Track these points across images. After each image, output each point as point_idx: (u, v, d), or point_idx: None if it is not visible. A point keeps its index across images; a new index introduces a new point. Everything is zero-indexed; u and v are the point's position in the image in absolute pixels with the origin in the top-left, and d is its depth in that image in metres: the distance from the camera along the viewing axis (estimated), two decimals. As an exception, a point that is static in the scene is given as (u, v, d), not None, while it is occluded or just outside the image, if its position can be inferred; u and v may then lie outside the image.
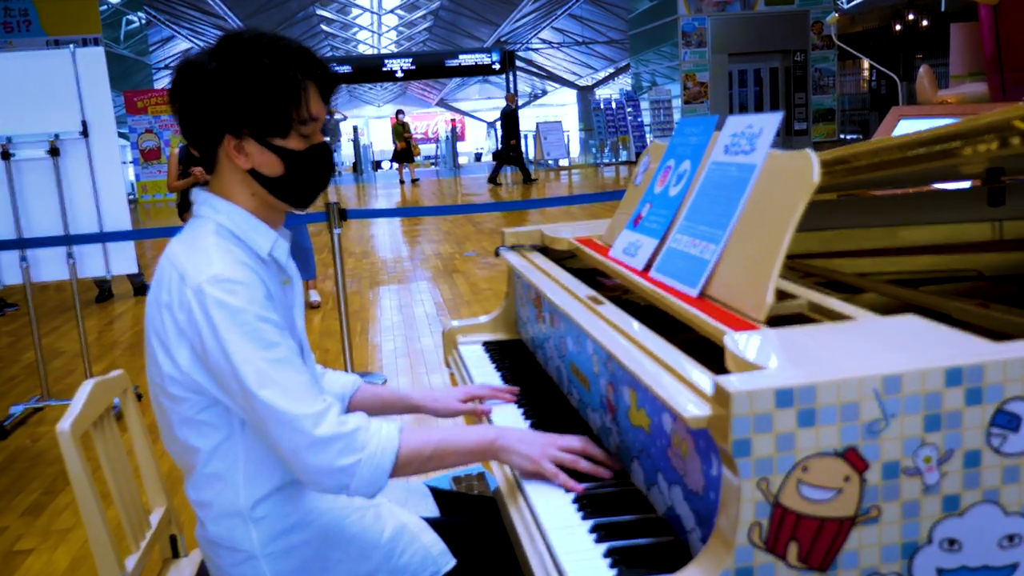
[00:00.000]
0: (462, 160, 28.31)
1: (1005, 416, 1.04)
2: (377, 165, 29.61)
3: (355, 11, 30.55)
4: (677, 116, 20.26)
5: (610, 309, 1.65)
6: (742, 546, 1.02)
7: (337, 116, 26.31)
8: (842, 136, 14.26)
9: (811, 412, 1.01)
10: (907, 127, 7.53)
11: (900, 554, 1.05)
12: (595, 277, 2.21)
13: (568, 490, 1.42)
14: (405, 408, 1.88)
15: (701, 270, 1.53)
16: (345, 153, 28.66)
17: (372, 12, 30.80)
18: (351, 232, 12.12)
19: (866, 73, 23.20)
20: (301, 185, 1.53)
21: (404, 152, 20.33)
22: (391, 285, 7.90)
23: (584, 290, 1.84)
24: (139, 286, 8.09)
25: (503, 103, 19.59)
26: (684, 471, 1.22)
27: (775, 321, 1.33)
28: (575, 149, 25.40)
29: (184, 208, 6.30)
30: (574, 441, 1.51)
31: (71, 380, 5.34)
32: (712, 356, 1.32)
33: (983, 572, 1.07)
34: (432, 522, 1.69)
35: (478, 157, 29.20)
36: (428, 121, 40.66)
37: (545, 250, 2.42)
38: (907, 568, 1.05)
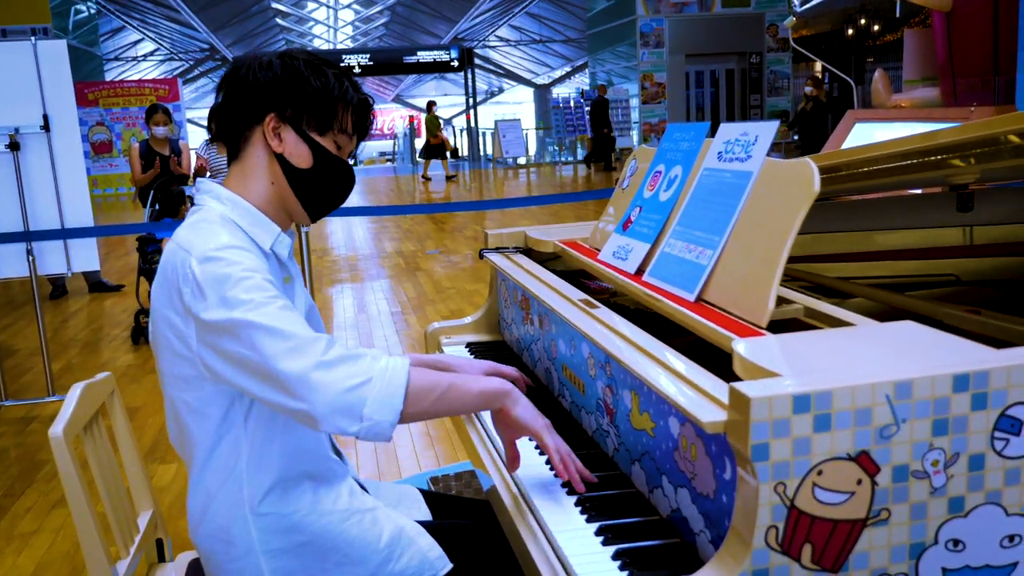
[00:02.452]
0: (418, 158, 28.19)
1: (1008, 420, 1.08)
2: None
3: (311, 5, 30.27)
4: (635, 116, 20.41)
5: (606, 313, 1.67)
6: (759, 548, 1.04)
7: None
8: (795, 138, 14.51)
9: (827, 417, 1.03)
10: (862, 130, 7.68)
11: (908, 554, 1.08)
12: (579, 279, 2.23)
13: (559, 475, 1.46)
14: (436, 368, 1.87)
15: (698, 275, 1.56)
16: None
17: (328, 7, 30.52)
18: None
19: (819, 76, 23.57)
20: (322, 188, 1.57)
21: (438, 147, 19.32)
22: (353, 283, 7.86)
23: (576, 293, 1.85)
24: (94, 283, 7.94)
25: (461, 100, 19.57)
26: (693, 474, 1.24)
27: (772, 326, 1.36)
28: (532, 147, 25.45)
29: (169, 201, 6.19)
30: (564, 446, 1.51)
31: (27, 379, 5.23)
32: (709, 360, 1.34)
33: (985, 571, 1.11)
34: (427, 525, 1.69)
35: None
36: (384, 117, 40.43)
37: (529, 252, 2.43)
38: (914, 568, 1.09)
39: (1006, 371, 1.07)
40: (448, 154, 20.18)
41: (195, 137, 24.41)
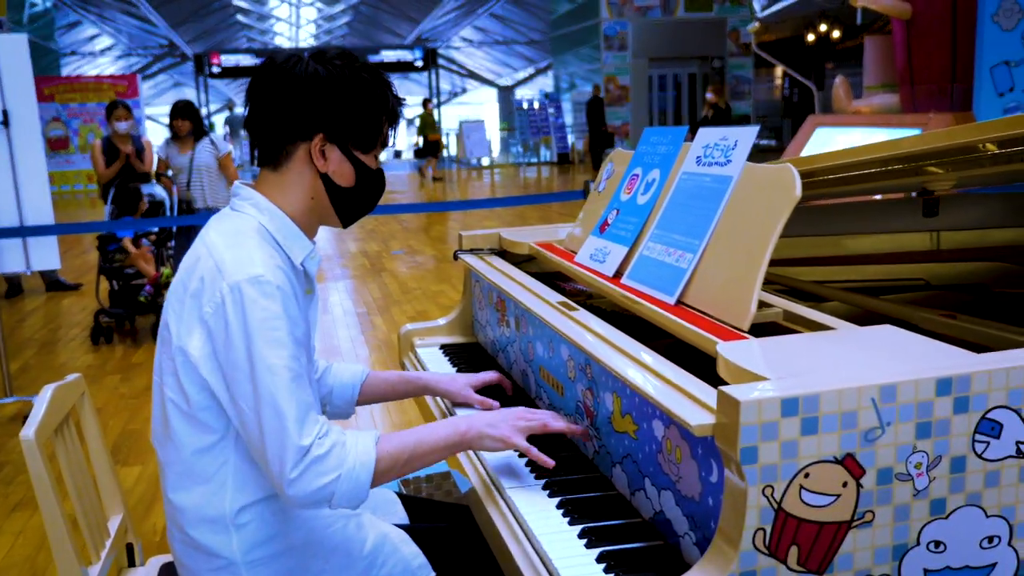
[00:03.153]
0: (382, 156, 28.07)
1: (989, 424, 1.10)
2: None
3: (273, 2, 29.98)
4: (598, 118, 20.49)
5: (586, 315, 1.67)
6: (746, 551, 1.05)
7: (237, 110, 25.77)
8: (758, 142, 14.75)
9: (814, 420, 1.04)
10: (823, 135, 7.78)
11: (891, 556, 1.10)
12: (554, 282, 2.23)
13: (542, 464, 1.49)
14: (418, 391, 1.90)
15: (678, 278, 1.56)
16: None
17: (290, 4, 30.25)
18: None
19: (779, 81, 23.88)
20: (361, 202, 1.58)
21: (434, 145, 18.77)
22: (318, 284, 7.79)
23: (554, 296, 1.85)
24: (51, 282, 7.79)
25: (421, 100, 19.48)
26: (678, 477, 1.25)
27: (751, 329, 1.37)
28: (496, 148, 25.45)
29: (124, 199, 6.08)
30: (537, 412, 1.58)
31: (-17, 380, 5.11)
32: (687, 362, 1.35)
33: (965, 572, 1.13)
34: (404, 529, 1.68)
35: (397, 154, 28.99)
36: (346, 116, 40.09)
37: (503, 253, 2.42)
38: (897, 569, 1.10)
39: (988, 375, 1.09)
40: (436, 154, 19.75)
41: (154, 133, 24.06)
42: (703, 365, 1.33)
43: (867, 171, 1.80)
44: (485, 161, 22.17)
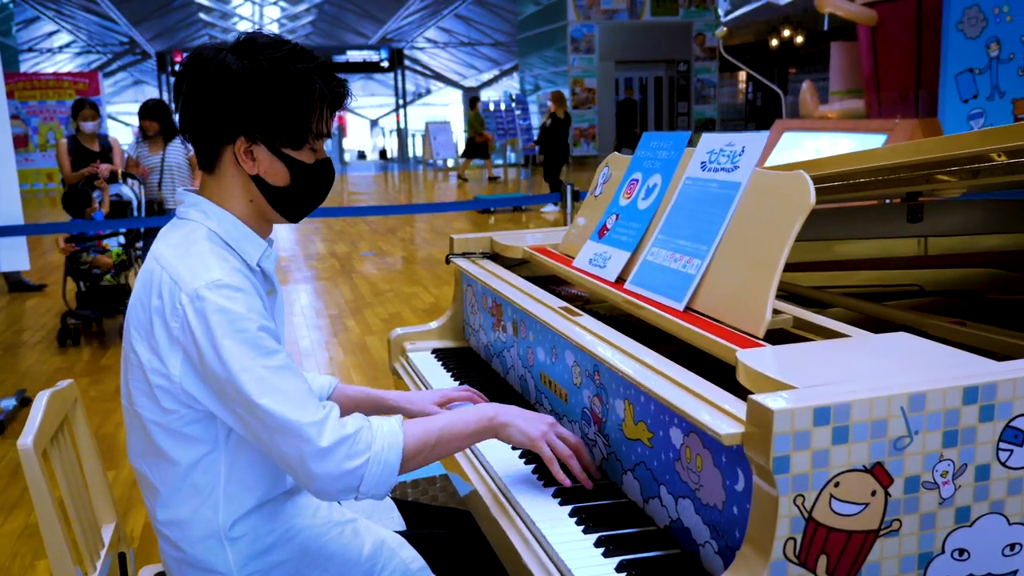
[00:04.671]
0: (347, 157, 27.89)
1: (1013, 432, 1.11)
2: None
3: (236, 0, 29.66)
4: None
5: (591, 321, 1.66)
6: (777, 560, 1.04)
7: None
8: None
9: (845, 429, 1.04)
10: (790, 139, 7.86)
11: (916, 564, 1.10)
12: (547, 286, 2.22)
13: (557, 482, 1.46)
14: (381, 410, 1.86)
15: (686, 284, 1.56)
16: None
17: (253, 3, 29.95)
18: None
19: (742, 85, 24.11)
20: (302, 198, 1.50)
21: (481, 146, 17.84)
22: (288, 286, 7.71)
23: (556, 300, 1.84)
24: (15, 282, 7.62)
25: (389, 100, 19.27)
26: (697, 485, 1.24)
27: (764, 336, 1.36)
28: (461, 150, 25.38)
29: (73, 201, 5.96)
30: (571, 435, 1.52)
31: (-55, 384, 4.98)
32: (693, 369, 1.34)
33: (987, 579, 1.13)
34: (406, 535, 1.66)
35: (362, 155, 28.81)
36: (310, 116, 39.72)
37: (494, 257, 2.41)
38: (922, 577, 1.10)
39: (1012, 383, 1.09)
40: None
41: (115, 132, 23.66)
42: (709, 372, 1.33)
43: (867, 179, 1.81)
44: (450, 162, 22.11)
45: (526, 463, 1.61)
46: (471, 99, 18.23)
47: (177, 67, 19.31)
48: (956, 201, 2.56)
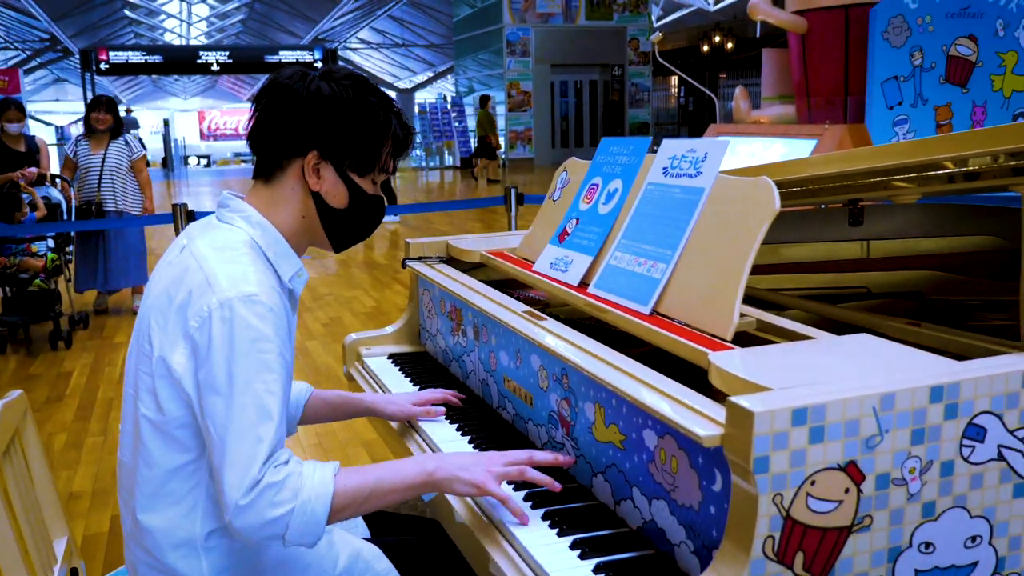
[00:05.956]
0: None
1: (975, 429, 1.15)
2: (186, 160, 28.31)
3: (163, -2, 29.00)
4: (501, 123, 20.60)
5: (557, 325, 1.67)
6: (756, 559, 1.07)
7: (132, 114, 24.88)
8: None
9: (820, 429, 1.07)
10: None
11: (886, 558, 1.14)
12: (505, 290, 2.23)
13: (517, 517, 1.40)
14: (358, 412, 1.86)
15: (652, 288, 1.58)
16: (154, 147, 27.08)
17: (182, 0, 29.34)
18: (169, 236, 11.49)
19: (675, 90, 24.50)
20: (353, 226, 1.54)
21: (489, 147, 17.45)
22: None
23: (518, 305, 1.85)
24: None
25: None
26: (672, 486, 1.26)
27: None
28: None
29: (3, 205, 5.75)
30: (518, 454, 1.49)
31: None
32: (660, 371, 1.36)
33: (951, 571, 1.18)
34: (377, 542, 1.65)
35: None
36: (240, 116, 39.12)
37: (450, 261, 2.41)
38: (891, 571, 1.14)
39: (974, 382, 1.14)
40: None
41: (35, 131, 22.88)
42: (672, 374, 1.35)
43: (823, 185, 1.86)
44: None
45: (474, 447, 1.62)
46: (481, 98, 17.79)
47: (104, 65, 18.57)
48: (893, 205, 2.65)
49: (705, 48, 20.87)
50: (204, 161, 28.96)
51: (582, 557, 1.29)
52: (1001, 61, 6.68)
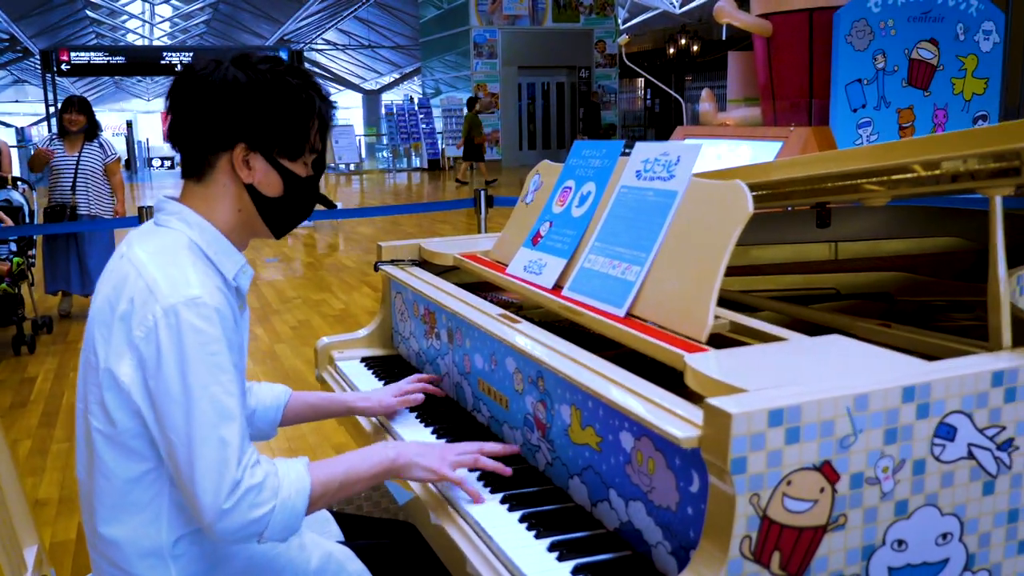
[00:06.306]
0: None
1: (945, 428, 1.17)
2: (150, 162, 27.97)
3: (125, -2, 28.64)
4: (469, 125, 20.58)
5: (532, 328, 1.68)
6: (734, 559, 1.08)
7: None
8: (627, 150, 15.24)
9: (796, 430, 1.09)
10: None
11: (861, 556, 1.15)
12: (477, 292, 2.23)
13: (472, 497, 1.48)
14: (338, 411, 1.86)
15: (626, 291, 1.59)
16: (118, 150, 26.72)
17: (145, 0, 28.99)
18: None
19: (641, 92, 24.65)
20: (290, 211, 1.52)
21: (477, 150, 16.83)
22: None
23: (493, 308, 1.85)
24: None
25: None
26: (650, 487, 1.27)
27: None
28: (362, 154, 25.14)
29: None
30: (468, 445, 1.57)
31: None
32: (634, 372, 1.38)
33: (922, 568, 1.20)
34: (351, 545, 1.65)
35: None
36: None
37: (422, 264, 2.41)
38: (865, 569, 1.16)
39: (944, 383, 1.16)
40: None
41: (-5, 133, 22.49)
42: (646, 376, 1.36)
43: (793, 188, 1.88)
44: (352, 167, 21.87)
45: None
46: (469, 100, 17.25)
47: (64, 66, 18.23)
48: (860, 207, 2.68)
49: (671, 50, 21.03)
50: (168, 163, 28.66)
51: (560, 559, 1.29)
52: (962, 65, 6.80)
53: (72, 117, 5.95)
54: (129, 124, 24.59)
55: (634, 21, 21.61)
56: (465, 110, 17.07)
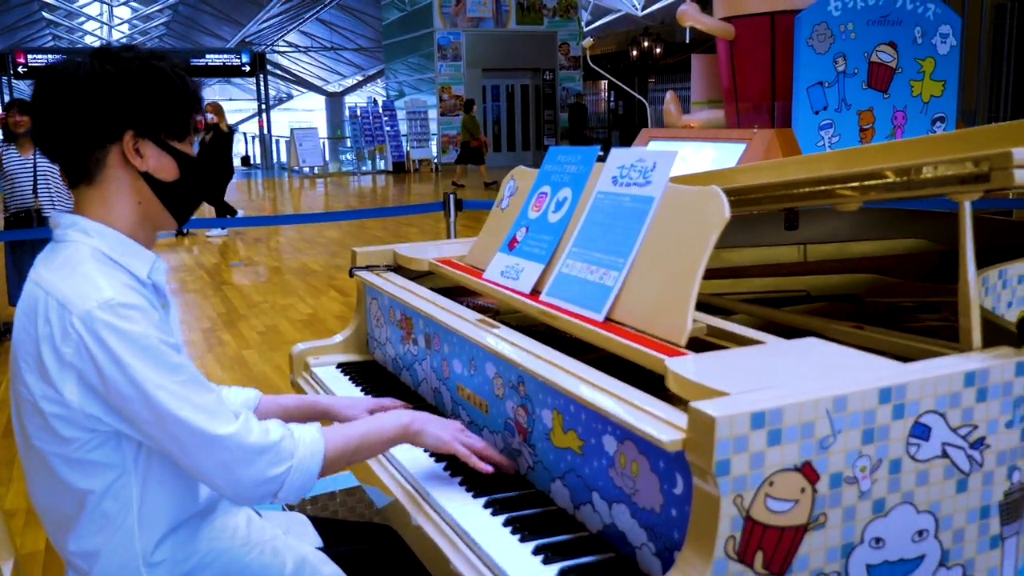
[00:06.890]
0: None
1: (920, 427, 1.21)
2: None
3: (82, -1, 28.23)
4: (433, 127, 20.56)
5: (512, 333, 1.69)
6: (719, 559, 1.10)
7: None
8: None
9: (778, 432, 1.11)
10: (656, 147, 8.15)
11: (840, 554, 1.18)
12: (453, 298, 2.24)
13: (474, 482, 1.56)
14: (314, 415, 1.84)
15: (604, 295, 1.61)
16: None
17: (103, 2, 28.60)
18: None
19: (605, 94, 24.78)
20: (190, 193, 1.49)
21: (476, 151, 16.51)
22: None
23: (471, 313, 1.87)
24: None
25: (248, 105, 18.46)
26: (633, 490, 1.29)
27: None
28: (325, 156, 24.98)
29: None
30: (478, 440, 1.64)
31: None
32: (619, 376, 1.40)
33: (899, 564, 1.23)
34: (326, 553, 1.65)
35: (245, 161, 27.86)
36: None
37: (397, 269, 2.41)
38: (844, 567, 1.19)
39: (919, 383, 1.19)
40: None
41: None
42: (625, 379, 1.38)
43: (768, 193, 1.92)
44: (318, 170, 21.74)
45: (444, 469, 1.64)
46: (467, 102, 16.95)
47: (21, 68, 17.89)
48: (827, 210, 2.73)
49: (634, 53, 21.16)
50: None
51: (546, 562, 1.31)
52: (920, 67, 6.91)
53: (16, 119, 5.82)
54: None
55: (597, 24, 21.73)
56: (462, 114, 16.97)
